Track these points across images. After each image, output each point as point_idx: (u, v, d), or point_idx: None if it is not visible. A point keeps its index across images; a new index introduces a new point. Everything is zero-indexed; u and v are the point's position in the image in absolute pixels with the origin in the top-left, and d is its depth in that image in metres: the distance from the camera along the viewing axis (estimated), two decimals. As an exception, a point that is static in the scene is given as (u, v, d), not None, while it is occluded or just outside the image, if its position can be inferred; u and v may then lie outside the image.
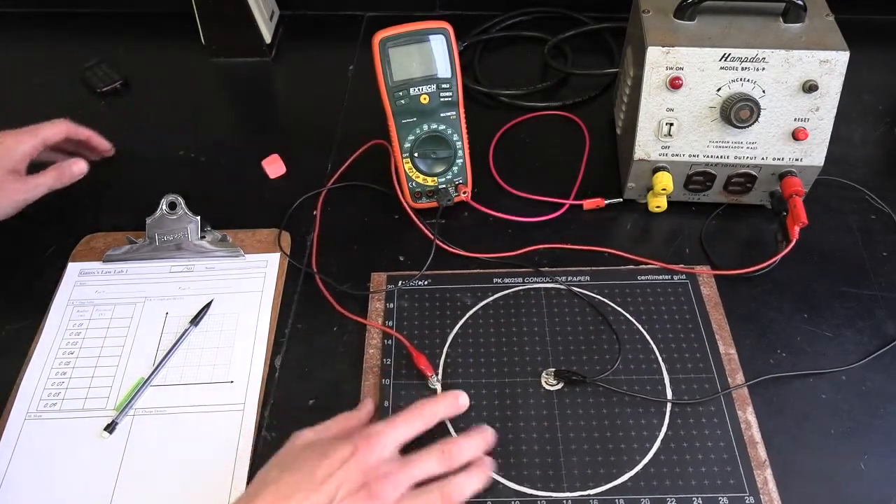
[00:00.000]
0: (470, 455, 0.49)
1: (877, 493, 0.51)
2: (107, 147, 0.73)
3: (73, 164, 0.66)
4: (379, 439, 0.48)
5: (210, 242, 0.67)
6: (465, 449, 0.49)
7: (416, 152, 0.65)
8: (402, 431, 0.49)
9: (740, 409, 0.54)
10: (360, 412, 0.54)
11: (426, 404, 0.52)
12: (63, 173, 0.66)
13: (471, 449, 0.50)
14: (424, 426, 0.51)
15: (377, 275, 0.64)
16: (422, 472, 0.47)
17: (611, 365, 0.57)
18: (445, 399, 0.53)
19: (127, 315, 0.63)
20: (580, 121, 0.79)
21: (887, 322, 0.60)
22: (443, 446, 0.49)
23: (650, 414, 0.55)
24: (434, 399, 0.53)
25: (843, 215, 0.68)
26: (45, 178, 0.65)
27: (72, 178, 0.66)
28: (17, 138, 0.65)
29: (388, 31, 0.59)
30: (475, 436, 0.51)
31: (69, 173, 0.66)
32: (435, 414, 0.52)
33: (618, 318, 0.60)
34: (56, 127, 0.67)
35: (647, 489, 0.51)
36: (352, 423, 0.52)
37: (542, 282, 0.63)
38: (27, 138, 0.65)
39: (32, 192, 0.64)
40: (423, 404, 0.51)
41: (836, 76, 0.59)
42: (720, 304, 0.61)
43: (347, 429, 0.52)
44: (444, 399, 0.53)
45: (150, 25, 0.95)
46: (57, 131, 0.67)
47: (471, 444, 0.50)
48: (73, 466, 0.54)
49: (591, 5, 0.91)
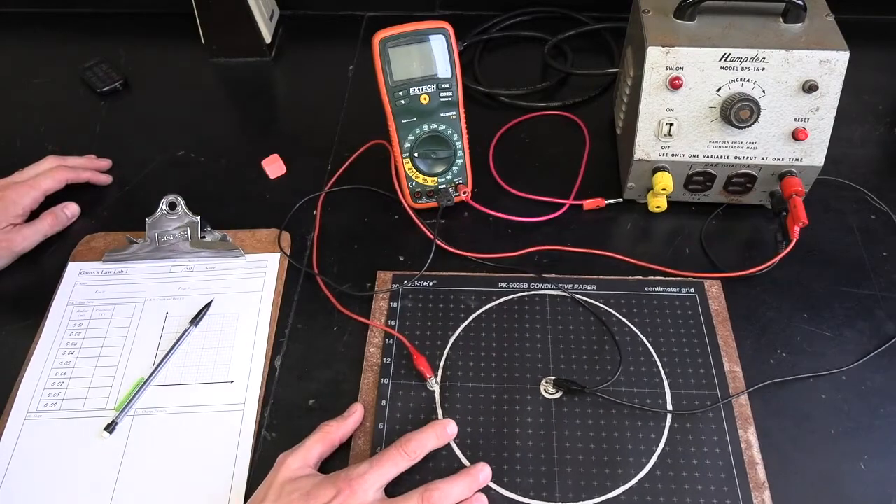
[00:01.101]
0: (456, 499, 0.49)
1: (877, 493, 0.51)
2: (106, 181, 0.74)
3: (67, 209, 0.68)
4: (361, 483, 0.47)
5: (210, 242, 0.67)
6: (450, 493, 0.49)
7: (416, 152, 0.65)
8: (387, 472, 0.49)
9: (742, 429, 0.54)
10: (346, 421, 0.53)
11: (413, 439, 0.51)
12: (58, 219, 0.67)
13: (456, 492, 0.49)
14: (410, 463, 0.50)
15: (382, 273, 0.64)
16: None
17: (611, 376, 0.57)
18: (434, 430, 0.52)
19: (127, 315, 0.63)
20: (580, 121, 0.79)
21: (887, 322, 0.60)
22: (425, 492, 0.48)
23: (649, 428, 0.54)
24: (422, 431, 0.52)
25: (843, 215, 0.68)
26: (41, 226, 0.66)
27: (66, 223, 0.68)
28: (20, 192, 0.66)
29: (388, 31, 0.59)
30: (464, 478, 0.50)
31: (64, 218, 0.68)
32: (424, 448, 0.51)
33: (622, 328, 0.60)
34: (57, 178, 0.69)
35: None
36: (336, 438, 0.52)
37: (547, 288, 0.63)
38: (29, 191, 0.67)
39: (30, 239, 0.66)
40: (410, 439, 0.51)
41: (836, 76, 0.59)
42: (728, 321, 0.60)
43: (332, 444, 0.52)
44: (432, 430, 0.52)
45: (150, 25, 0.95)
46: (58, 182, 0.69)
47: (455, 487, 0.49)
48: (73, 466, 0.54)
49: (591, 5, 0.91)
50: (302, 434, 0.54)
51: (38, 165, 0.70)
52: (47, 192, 0.68)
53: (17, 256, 0.65)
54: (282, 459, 0.50)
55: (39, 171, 0.69)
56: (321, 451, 0.51)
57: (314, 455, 0.51)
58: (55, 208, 0.68)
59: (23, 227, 0.65)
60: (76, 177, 0.71)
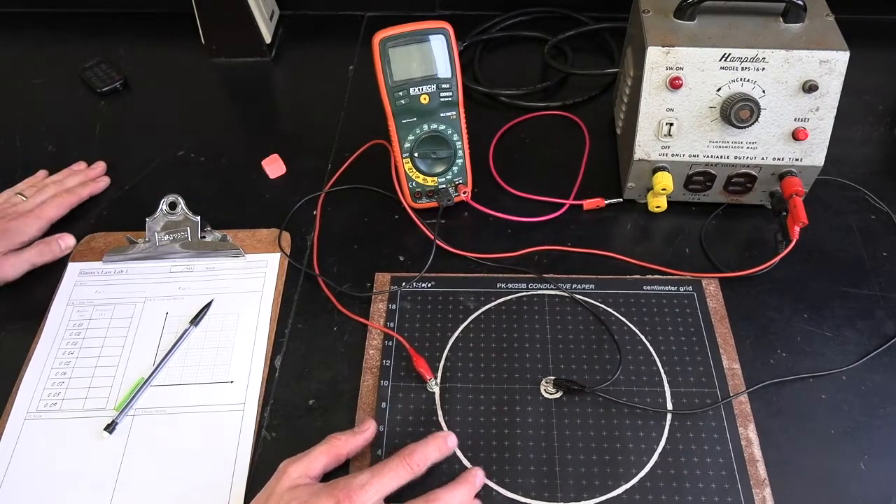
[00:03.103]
0: None
1: (877, 493, 0.51)
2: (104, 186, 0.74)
3: (62, 240, 0.67)
4: (361, 494, 0.46)
5: (210, 242, 0.67)
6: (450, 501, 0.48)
7: (416, 152, 0.65)
8: (388, 483, 0.48)
9: (742, 426, 0.54)
10: (356, 437, 0.52)
11: (415, 451, 0.50)
12: (50, 249, 0.66)
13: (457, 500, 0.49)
14: (412, 475, 0.50)
15: (381, 275, 0.64)
16: None
17: (611, 375, 0.57)
18: (435, 442, 0.52)
19: (127, 315, 0.63)
20: (580, 121, 0.79)
21: (887, 322, 0.60)
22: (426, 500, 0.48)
23: (649, 427, 0.54)
24: (423, 443, 0.51)
25: (843, 215, 0.68)
26: (29, 255, 0.65)
27: (59, 255, 0.67)
28: (27, 222, 0.67)
29: (388, 31, 0.59)
30: (463, 485, 0.50)
31: (57, 249, 0.67)
32: (426, 460, 0.50)
33: (621, 328, 0.60)
34: (62, 206, 0.69)
35: (642, 503, 0.50)
36: (343, 452, 0.51)
37: (546, 288, 0.63)
38: (35, 221, 0.67)
39: (18, 268, 0.64)
40: (412, 451, 0.50)
41: (836, 76, 0.59)
42: (726, 318, 0.60)
43: (339, 458, 0.51)
44: (433, 442, 0.52)
45: (150, 25, 0.95)
46: (63, 209, 0.70)
47: (456, 495, 0.49)
48: (73, 466, 0.54)
49: (591, 5, 0.91)
50: (302, 434, 0.54)
51: (41, 192, 0.70)
52: (52, 222, 0.69)
53: (2, 284, 0.64)
54: (284, 467, 0.49)
55: (43, 198, 0.69)
56: (325, 464, 0.50)
57: (317, 467, 0.50)
58: (50, 238, 0.67)
59: (11, 255, 0.64)
60: (78, 199, 0.71)
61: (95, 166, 0.75)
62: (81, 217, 0.71)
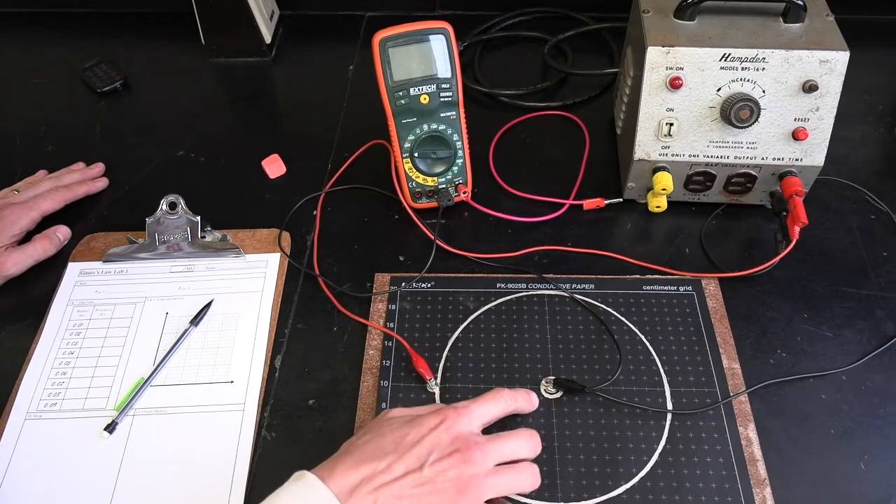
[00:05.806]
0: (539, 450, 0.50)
1: (877, 493, 0.51)
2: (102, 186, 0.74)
3: (59, 232, 0.67)
4: (467, 412, 0.48)
5: (210, 242, 0.67)
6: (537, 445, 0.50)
7: (416, 152, 0.65)
8: (489, 409, 0.50)
9: (742, 426, 0.54)
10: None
11: (505, 391, 0.52)
12: (52, 242, 0.66)
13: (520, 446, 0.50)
14: (504, 412, 0.52)
15: (381, 275, 0.64)
16: (510, 451, 0.48)
17: (611, 375, 0.57)
18: (522, 393, 0.53)
19: (127, 315, 0.63)
20: (580, 121, 0.79)
21: (887, 322, 0.60)
22: (530, 433, 0.50)
23: (649, 426, 0.54)
24: (512, 390, 0.53)
25: (843, 215, 0.68)
26: (33, 251, 0.65)
27: (59, 247, 0.67)
28: (19, 213, 0.66)
29: (388, 31, 0.59)
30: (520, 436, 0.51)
31: (57, 241, 0.67)
32: (514, 401, 0.52)
33: (621, 327, 0.60)
34: (56, 199, 0.69)
35: (642, 503, 0.50)
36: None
37: (546, 288, 0.63)
38: (28, 212, 0.67)
39: (21, 264, 0.65)
40: (502, 391, 0.52)
41: (836, 76, 0.59)
42: (726, 318, 0.60)
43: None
44: (521, 393, 0.53)
45: (150, 25, 0.95)
46: (58, 203, 0.69)
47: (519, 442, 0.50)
48: (73, 466, 0.54)
49: (591, 5, 0.91)
50: (302, 434, 0.54)
51: (35, 187, 0.70)
52: (45, 214, 0.68)
53: (6, 280, 0.64)
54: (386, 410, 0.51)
55: (38, 192, 0.69)
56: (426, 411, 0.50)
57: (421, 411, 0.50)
58: (48, 231, 0.67)
59: (14, 251, 0.64)
60: (74, 196, 0.71)
61: (94, 167, 0.75)
62: (81, 217, 0.71)
